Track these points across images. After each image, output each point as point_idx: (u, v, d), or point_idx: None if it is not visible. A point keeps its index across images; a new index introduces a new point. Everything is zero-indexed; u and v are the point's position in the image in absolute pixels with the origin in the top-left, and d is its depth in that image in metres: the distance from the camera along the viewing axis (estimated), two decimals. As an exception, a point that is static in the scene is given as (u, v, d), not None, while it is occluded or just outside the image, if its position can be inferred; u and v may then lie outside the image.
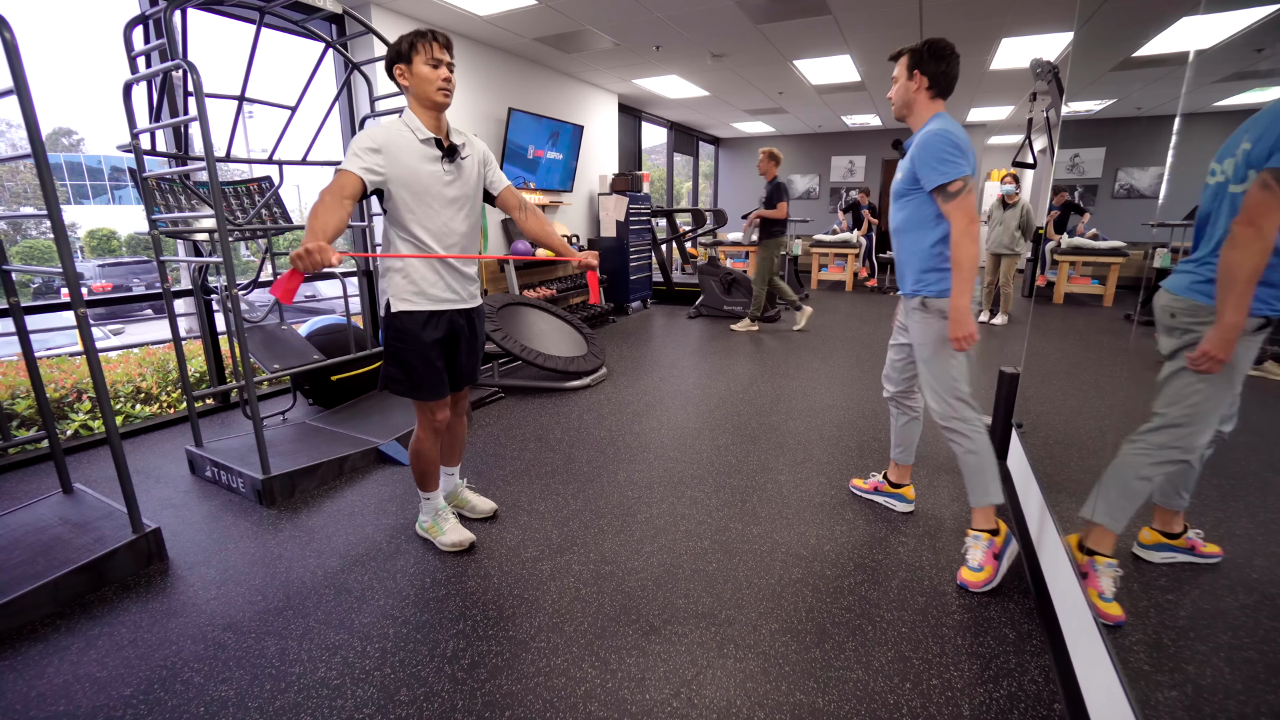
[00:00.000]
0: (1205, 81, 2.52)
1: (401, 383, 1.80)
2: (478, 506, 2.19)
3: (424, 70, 1.64)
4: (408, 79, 1.66)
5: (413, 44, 1.65)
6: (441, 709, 1.36)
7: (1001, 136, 10.04)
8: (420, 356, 1.77)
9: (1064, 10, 3.90)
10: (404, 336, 1.75)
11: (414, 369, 1.78)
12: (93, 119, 43.60)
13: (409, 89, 1.68)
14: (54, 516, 2.05)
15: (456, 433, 2.09)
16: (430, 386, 1.81)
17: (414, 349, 1.76)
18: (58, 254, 1.66)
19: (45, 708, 1.37)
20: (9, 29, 1.52)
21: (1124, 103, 6.53)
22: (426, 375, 1.79)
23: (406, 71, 1.66)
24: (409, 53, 1.65)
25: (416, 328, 1.75)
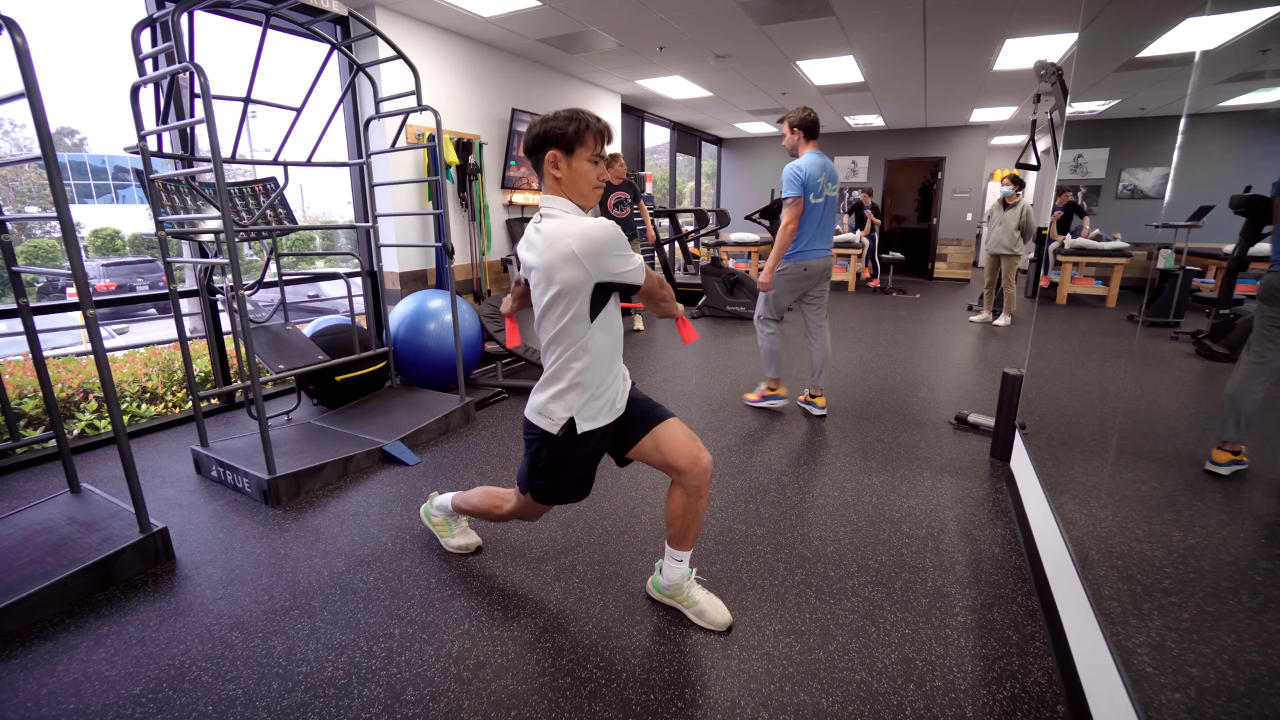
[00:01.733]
0: (1210, 82, 2.52)
1: (550, 495, 1.58)
2: (707, 614, 1.63)
3: (584, 166, 1.40)
4: (561, 170, 1.39)
5: (580, 134, 1.38)
6: (447, 709, 1.37)
7: (1005, 137, 10.03)
8: (582, 474, 1.54)
9: (1068, 11, 3.90)
10: (571, 455, 1.49)
11: (568, 487, 1.55)
12: (97, 119, 43.76)
13: (558, 179, 1.40)
14: (62, 516, 2.07)
15: (696, 508, 1.59)
16: (577, 496, 1.59)
17: (581, 467, 1.52)
18: (66, 254, 1.68)
19: (56, 705, 1.38)
20: (20, 32, 1.53)
21: (1128, 103, 6.51)
22: (579, 489, 1.57)
23: (563, 161, 1.38)
24: (573, 142, 1.38)
25: (588, 444, 1.49)
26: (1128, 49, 4.19)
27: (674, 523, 1.60)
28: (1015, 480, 2.41)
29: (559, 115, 1.39)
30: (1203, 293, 5.33)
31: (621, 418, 1.55)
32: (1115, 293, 6.49)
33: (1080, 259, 6.52)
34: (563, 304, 1.37)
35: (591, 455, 1.52)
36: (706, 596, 1.67)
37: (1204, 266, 5.42)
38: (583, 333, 1.40)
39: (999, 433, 2.74)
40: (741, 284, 6.16)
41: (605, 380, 1.47)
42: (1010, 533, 2.13)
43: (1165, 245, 5.39)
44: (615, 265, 1.35)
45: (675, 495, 1.59)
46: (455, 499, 1.92)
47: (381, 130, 3.86)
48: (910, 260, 10.16)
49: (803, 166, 2.96)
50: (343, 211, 26.85)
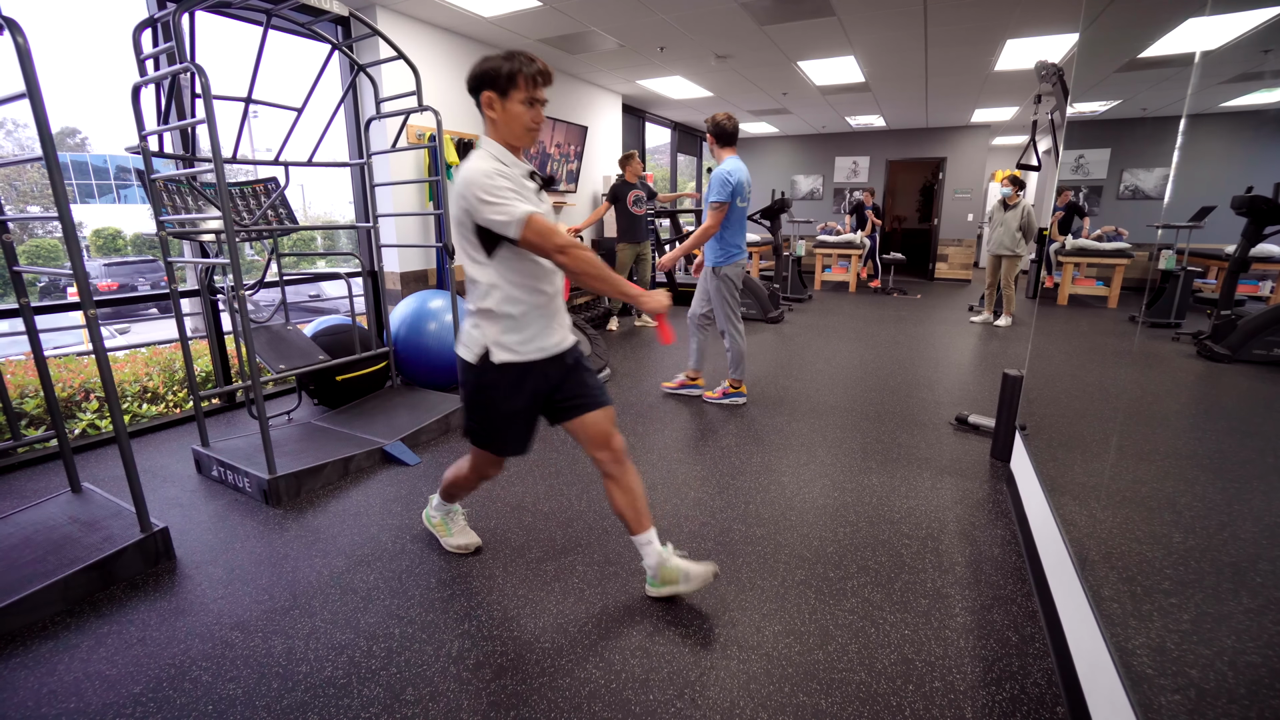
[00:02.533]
0: (1212, 82, 2.51)
1: (481, 435, 1.65)
2: (693, 573, 1.68)
3: (518, 109, 1.44)
4: (496, 111, 1.44)
5: (513, 74, 1.41)
6: (447, 709, 1.37)
7: (1006, 137, 10.02)
8: (510, 413, 1.58)
9: (1069, 12, 3.90)
10: (493, 389, 1.54)
11: (497, 425, 1.60)
12: (99, 118, 43.82)
13: (493, 120, 1.46)
14: (63, 515, 2.07)
15: (629, 486, 1.66)
16: (512, 443, 1.64)
17: (505, 404, 1.56)
18: (68, 255, 1.68)
19: (57, 704, 1.39)
20: (21, 33, 1.53)
21: (1129, 104, 6.51)
22: (509, 432, 1.62)
23: (497, 102, 1.43)
24: (506, 84, 1.42)
25: (510, 381, 1.54)
26: (1129, 49, 4.19)
27: (622, 513, 1.68)
28: (1015, 481, 2.41)
29: (498, 55, 1.44)
30: (1204, 293, 5.33)
31: (568, 390, 1.61)
32: (1117, 293, 6.48)
33: (1082, 260, 6.51)
34: (461, 238, 1.47)
35: (513, 393, 1.55)
36: (688, 564, 1.71)
37: (1205, 267, 5.41)
38: (483, 268, 1.47)
39: (999, 434, 2.74)
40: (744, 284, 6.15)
41: (520, 318, 1.51)
42: (1010, 534, 2.13)
43: (1166, 246, 5.38)
44: (480, 210, 1.38)
45: (608, 488, 1.69)
46: (440, 488, 1.96)
47: (382, 130, 3.86)
48: (911, 261, 10.16)
49: (733, 172, 3.12)
50: (343, 211, 26.86)
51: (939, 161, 9.27)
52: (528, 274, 1.50)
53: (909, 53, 5.01)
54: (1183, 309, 4.91)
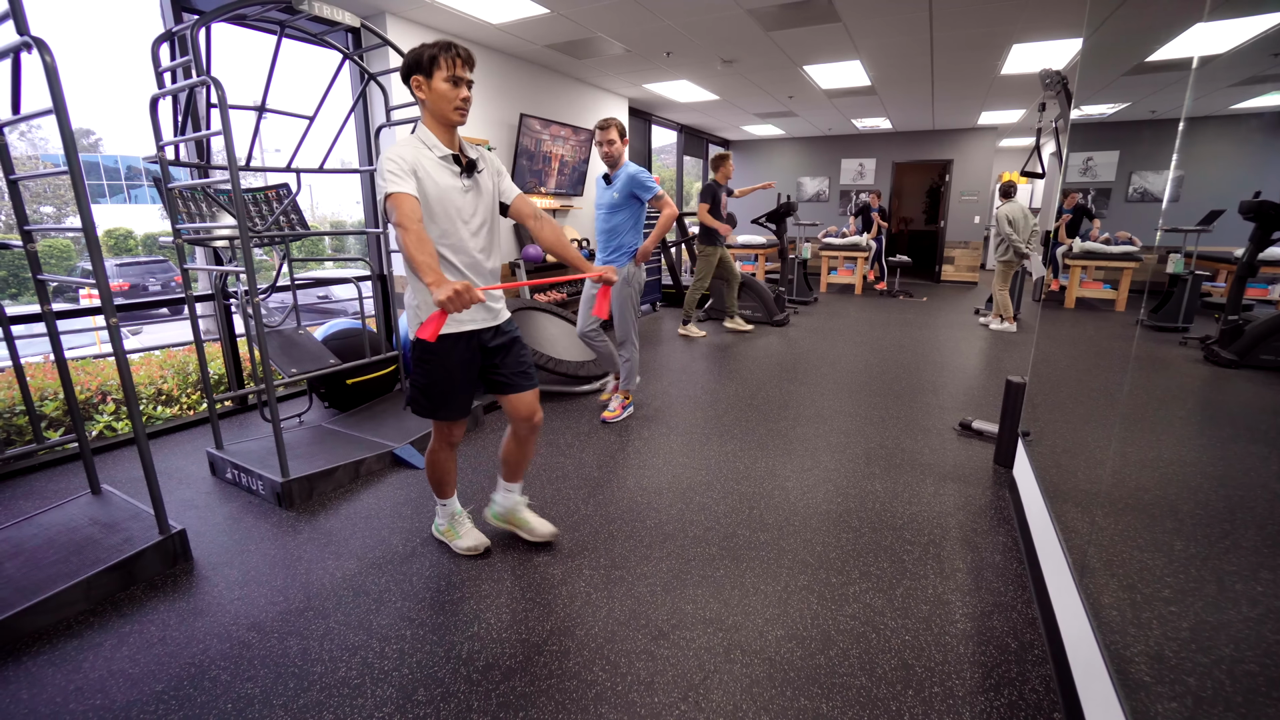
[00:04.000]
0: (1222, 85, 2.52)
1: (421, 403, 1.82)
2: (536, 529, 2.06)
3: (443, 87, 1.61)
4: (424, 92, 1.62)
5: (434, 57, 1.59)
6: (457, 709, 1.41)
7: (1013, 139, 9.99)
8: (444, 379, 1.78)
9: (1075, 16, 3.90)
10: (429, 359, 1.75)
11: (435, 390, 1.79)
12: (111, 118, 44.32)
13: (424, 102, 1.64)
14: (84, 517, 2.13)
15: (524, 447, 1.98)
16: (450, 408, 1.83)
17: (439, 372, 1.76)
18: (91, 267, 1.73)
19: (83, 700, 1.44)
20: (49, 52, 1.58)
21: (1138, 106, 6.48)
22: (448, 397, 1.80)
23: (424, 84, 1.61)
24: (429, 65, 1.59)
25: (443, 351, 1.74)
26: (1136, 53, 4.18)
27: (508, 460, 2.00)
28: (1017, 488, 2.43)
29: (422, 44, 1.62)
30: (1213, 298, 5.29)
31: (505, 367, 1.85)
32: (1125, 297, 6.46)
33: (1089, 263, 6.50)
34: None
35: (453, 363, 1.76)
36: (535, 518, 2.07)
37: (1214, 271, 5.38)
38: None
39: (1002, 440, 2.76)
40: (748, 287, 6.18)
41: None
42: (1012, 540, 2.16)
43: (1174, 249, 5.36)
44: (379, 180, 1.57)
45: (509, 440, 1.98)
46: (431, 487, 2.06)
47: (392, 137, 3.91)
48: (917, 263, 10.14)
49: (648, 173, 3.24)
50: (351, 211, 27.03)
51: (945, 164, 9.25)
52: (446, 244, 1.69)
53: (915, 57, 5.02)
54: (1190, 313, 4.88)
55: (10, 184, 1.97)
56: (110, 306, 1.79)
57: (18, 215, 2.01)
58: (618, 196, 3.16)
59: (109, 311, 1.79)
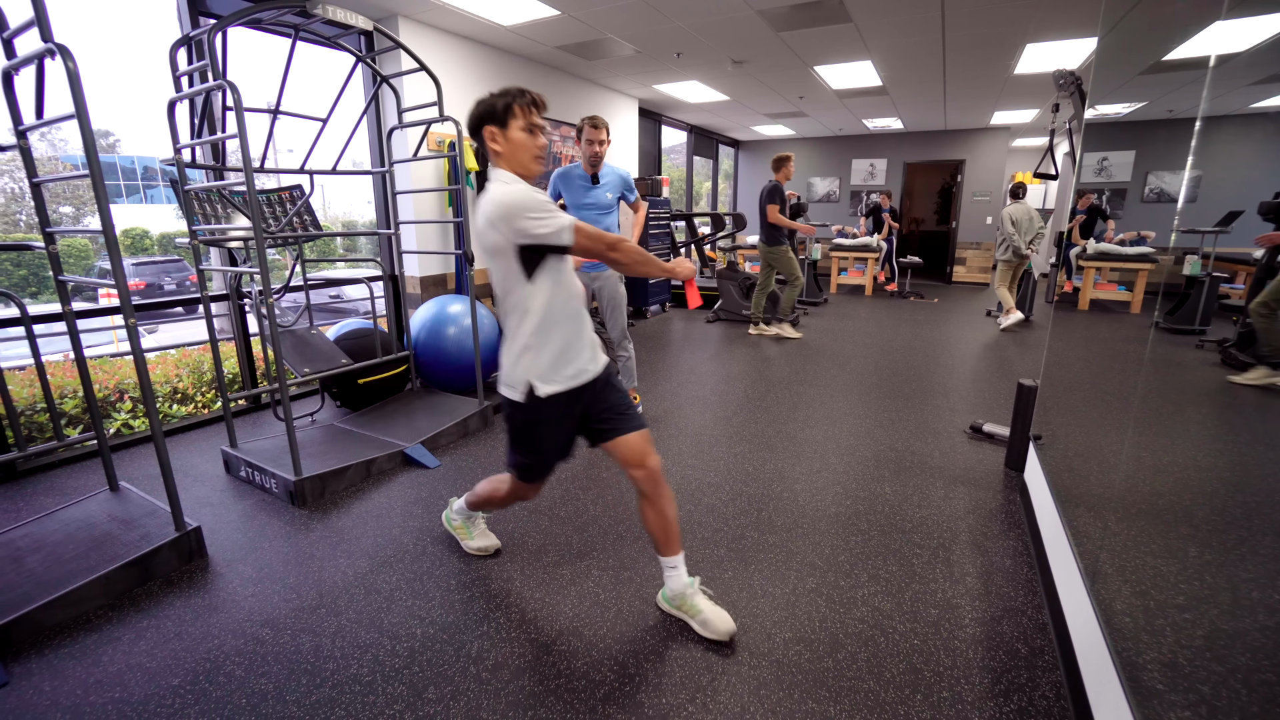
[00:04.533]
0: (1241, 84, 2.49)
1: (530, 470, 1.68)
2: (710, 622, 1.64)
3: (520, 136, 1.48)
4: (500, 143, 1.48)
5: (509, 106, 1.47)
6: (467, 707, 1.43)
7: (1027, 139, 9.89)
8: (554, 444, 1.62)
9: (1090, 16, 3.86)
10: (539, 423, 1.56)
11: (545, 458, 1.64)
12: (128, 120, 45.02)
13: (499, 154, 1.50)
14: (103, 513, 2.17)
15: (663, 509, 1.64)
16: (548, 469, 1.69)
17: (550, 437, 1.60)
18: (111, 270, 1.77)
19: (103, 693, 1.47)
20: (72, 58, 1.62)
21: (1155, 105, 6.39)
22: (551, 462, 1.66)
23: (499, 135, 1.48)
24: (504, 115, 1.47)
25: (555, 412, 1.56)
26: (1153, 52, 4.13)
27: (652, 533, 1.67)
28: (1029, 492, 2.41)
29: (490, 94, 1.50)
30: (1231, 300, 5.22)
31: (598, 405, 1.62)
32: (1140, 299, 6.37)
33: (1104, 264, 6.43)
34: (497, 268, 1.48)
35: (561, 422, 1.59)
36: (711, 606, 1.68)
37: (1233, 272, 5.30)
38: (523, 294, 1.48)
39: (1013, 444, 2.74)
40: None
41: (560, 344, 1.52)
42: (1022, 545, 2.14)
43: (1191, 250, 5.29)
44: (531, 227, 1.40)
45: (641, 506, 1.67)
46: (467, 496, 2.00)
47: (404, 139, 3.95)
48: (928, 264, 10.07)
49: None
50: (362, 211, 27.24)
51: (958, 164, 9.18)
52: (563, 293, 1.52)
53: (927, 57, 4.99)
54: (1207, 315, 4.81)
55: (33, 187, 2.01)
56: (129, 307, 1.82)
57: (40, 217, 2.05)
58: (610, 197, 3.08)
59: (128, 312, 1.82)
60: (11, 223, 20.58)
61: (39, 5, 1.62)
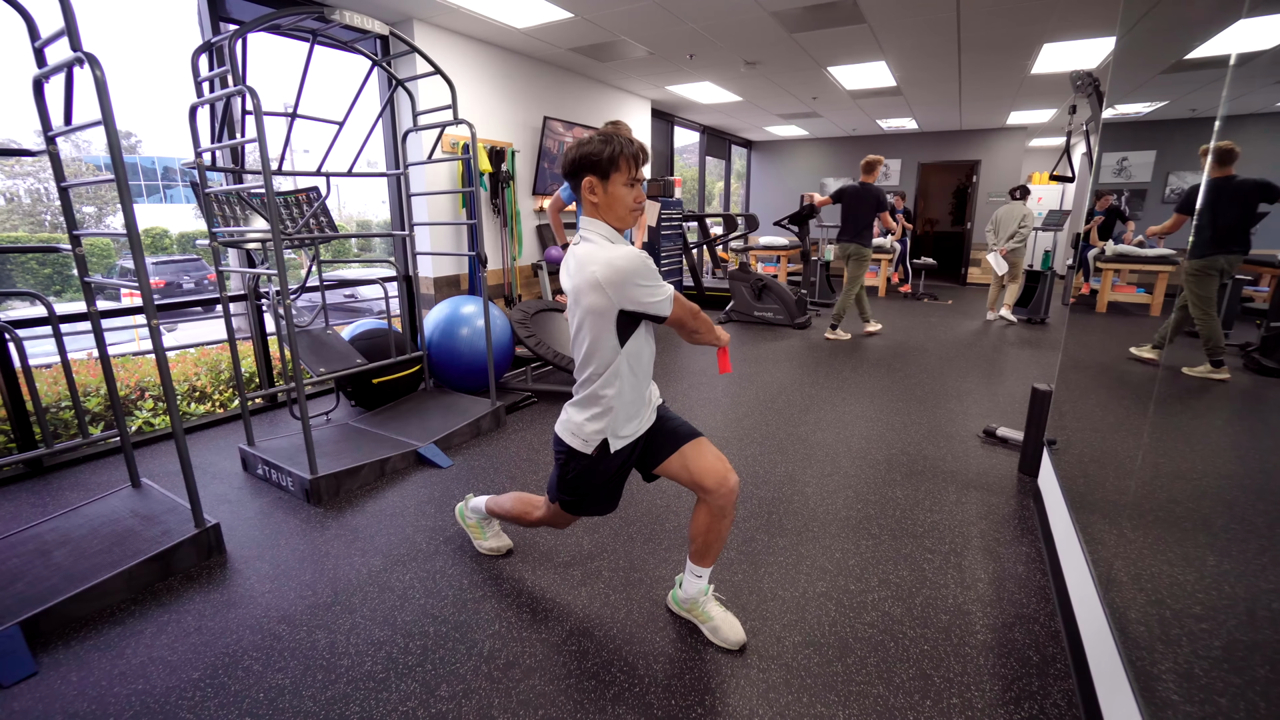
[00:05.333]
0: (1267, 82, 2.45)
1: (580, 507, 1.65)
2: (722, 631, 1.65)
3: (620, 192, 1.42)
4: (598, 195, 1.41)
5: (614, 158, 1.39)
6: (479, 705, 1.45)
7: (1044, 139, 9.77)
8: (607, 486, 1.59)
9: (1109, 15, 3.81)
10: (600, 471, 1.54)
11: (596, 499, 1.61)
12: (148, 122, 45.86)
13: (595, 203, 1.43)
14: (125, 509, 2.22)
15: (719, 522, 1.60)
16: (604, 508, 1.66)
17: (608, 482, 1.57)
18: (136, 272, 1.81)
19: (127, 685, 1.51)
20: (99, 67, 1.66)
21: (1177, 104, 6.28)
22: (606, 502, 1.63)
23: (599, 186, 1.41)
24: (608, 168, 1.40)
25: (616, 461, 1.54)
26: (1174, 50, 4.06)
27: (697, 539, 1.62)
28: (1042, 497, 2.39)
29: (594, 139, 1.41)
30: (1254, 303, 5.12)
31: (650, 433, 1.59)
32: (1160, 301, 6.27)
33: (1122, 266, 6.33)
34: (591, 328, 1.42)
35: (619, 471, 1.56)
36: (723, 614, 1.67)
37: (1256, 275, 5.20)
38: (612, 357, 1.43)
39: (1027, 448, 2.72)
40: (769, 289, 6.16)
41: (636, 402, 1.51)
42: (1035, 551, 2.12)
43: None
44: (640, 295, 1.36)
45: (700, 513, 1.61)
46: (489, 502, 1.98)
47: (418, 141, 3.99)
48: (942, 265, 9.98)
49: None
50: (376, 211, 27.51)
51: (973, 164, 9.09)
52: (646, 358, 1.51)
53: (942, 58, 4.95)
54: (1230, 319, 4.72)
55: (61, 191, 2.07)
56: (152, 309, 1.87)
57: (68, 220, 2.10)
58: None
59: (151, 314, 1.87)
60: (37, 223, 21.04)
61: (69, 16, 1.67)
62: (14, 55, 5.28)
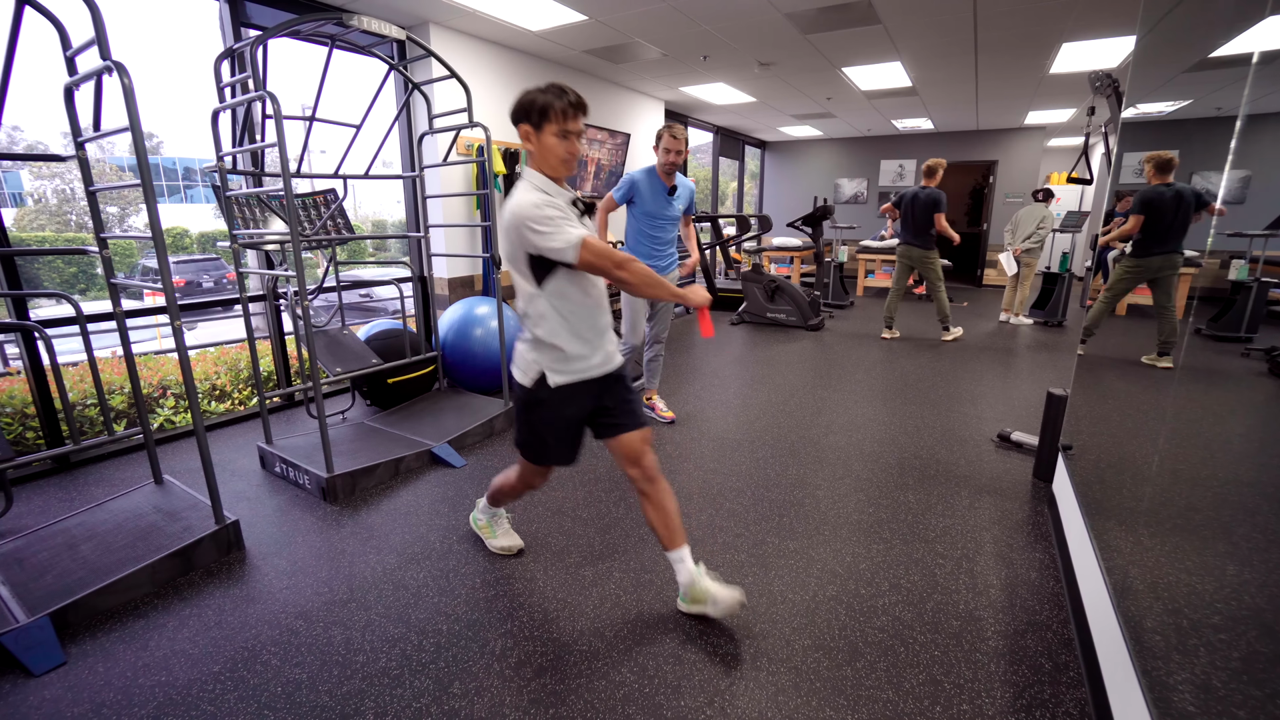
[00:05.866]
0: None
1: (532, 450, 1.75)
2: (723, 601, 1.69)
3: (551, 141, 1.51)
4: (532, 143, 1.52)
5: (545, 108, 1.48)
6: (490, 703, 1.47)
7: (1063, 139, 9.63)
8: (560, 428, 1.68)
9: (1128, 13, 3.75)
10: (545, 408, 1.64)
11: (547, 441, 1.71)
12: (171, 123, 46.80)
13: (531, 152, 1.54)
14: (149, 505, 2.28)
15: (663, 504, 1.71)
16: (561, 455, 1.74)
17: (557, 421, 1.66)
18: (160, 274, 1.86)
19: (151, 676, 1.55)
20: (127, 74, 1.71)
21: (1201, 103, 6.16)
22: (559, 446, 1.71)
23: (532, 135, 1.51)
24: (539, 118, 1.49)
25: (562, 400, 1.63)
26: (1199, 48, 3.99)
27: (655, 529, 1.74)
28: (1057, 503, 2.36)
29: (535, 88, 1.50)
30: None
31: (611, 405, 1.69)
32: (1183, 304, 6.14)
33: (1142, 268, 6.23)
34: (512, 269, 1.55)
35: (571, 415, 1.67)
36: (718, 587, 1.73)
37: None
38: (534, 297, 1.55)
39: (1042, 453, 2.69)
40: (782, 290, 6.14)
41: (571, 343, 1.59)
42: (1049, 557, 2.11)
43: (1238, 254, 5.10)
44: (535, 240, 1.45)
45: (642, 504, 1.75)
46: (487, 494, 2.07)
47: (434, 144, 4.03)
48: (958, 266, 9.87)
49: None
50: (392, 210, 27.79)
51: (990, 165, 8.98)
52: (576, 300, 1.58)
53: (958, 58, 4.91)
54: (1255, 322, 4.61)
55: (89, 195, 2.12)
56: (175, 310, 1.91)
57: (95, 223, 2.16)
58: (681, 209, 3.12)
59: (174, 315, 1.92)
60: (64, 222, 21.54)
61: (99, 26, 1.72)
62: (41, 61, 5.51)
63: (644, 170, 3.05)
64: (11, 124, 24.63)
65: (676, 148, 2.94)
